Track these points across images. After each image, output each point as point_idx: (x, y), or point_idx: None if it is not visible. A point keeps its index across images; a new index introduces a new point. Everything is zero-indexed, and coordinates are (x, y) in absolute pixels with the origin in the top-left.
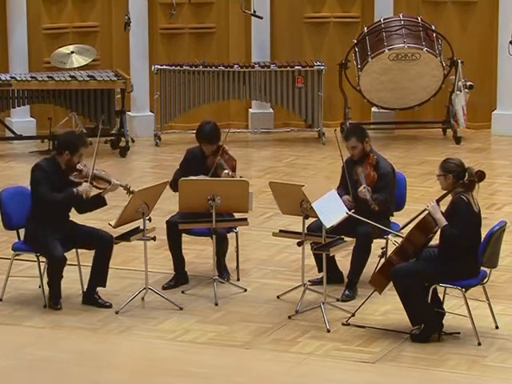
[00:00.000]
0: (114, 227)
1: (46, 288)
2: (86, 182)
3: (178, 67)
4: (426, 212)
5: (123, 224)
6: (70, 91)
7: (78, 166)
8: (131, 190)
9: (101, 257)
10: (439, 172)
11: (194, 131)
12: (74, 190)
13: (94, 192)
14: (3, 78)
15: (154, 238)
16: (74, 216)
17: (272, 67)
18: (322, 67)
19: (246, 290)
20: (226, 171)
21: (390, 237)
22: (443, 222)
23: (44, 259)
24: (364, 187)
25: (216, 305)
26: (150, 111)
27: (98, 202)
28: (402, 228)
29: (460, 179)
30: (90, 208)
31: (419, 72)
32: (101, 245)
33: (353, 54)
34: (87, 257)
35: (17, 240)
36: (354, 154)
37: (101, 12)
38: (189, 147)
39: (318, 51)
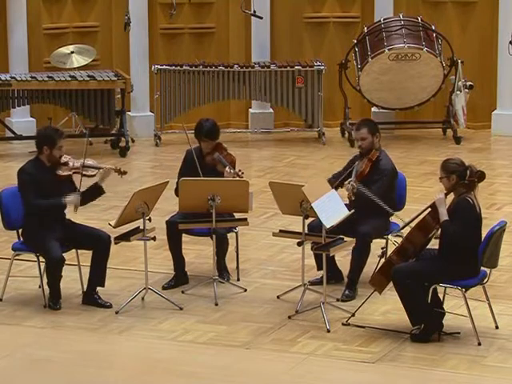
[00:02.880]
0: (114, 227)
1: (46, 288)
2: (76, 173)
3: (178, 67)
4: (426, 212)
5: (123, 224)
6: (70, 91)
7: (63, 159)
8: (122, 170)
9: (99, 256)
10: (441, 174)
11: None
12: (63, 199)
13: (90, 182)
14: (3, 78)
15: (154, 238)
16: (74, 215)
17: (272, 67)
18: (322, 67)
19: (246, 290)
20: (228, 169)
21: (389, 237)
22: (445, 216)
23: (44, 259)
24: (349, 181)
25: (216, 305)
26: (150, 111)
27: (96, 191)
28: (403, 227)
29: (463, 178)
30: (89, 199)
31: (419, 72)
32: (98, 244)
33: (353, 54)
34: (87, 257)
35: (17, 240)
36: (363, 146)
37: (101, 12)
38: (187, 148)
39: (318, 51)
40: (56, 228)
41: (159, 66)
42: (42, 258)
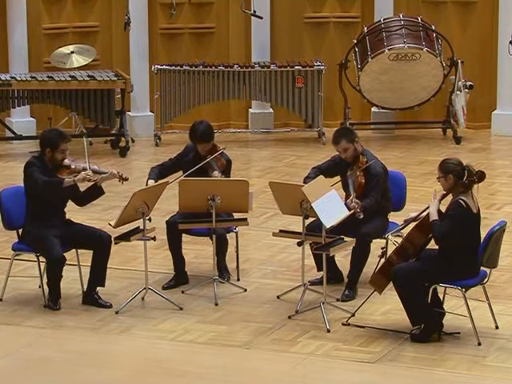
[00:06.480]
0: (114, 227)
1: (46, 288)
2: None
3: (178, 67)
4: (426, 212)
5: (123, 224)
6: (70, 91)
7: (66, 162)
8: (124, 176)
9: (99, 256)
10: (439, 174)
11: None
12: (71, 179)
13: (88, 185)
14: (3, 78)
15: (154, 238)
16: (74, 215)
17: (272, 67)
18: (322, 67)
19: (246, 290)
20: (216, 172)
21: (389, 237)
22: (434, 216)
23: (44, 259)
24: (351, 200)
25: (216, 305)
26: (150, 111)
27: (96, 192)
28: (403, 227)
29: (461, 178)
30: (88, 200)
31: (419, 72)
32: (98, 244)
33: (353, 54)
34: (87, 257)
35: (17, 240)
36: (348, 157)
37: (101, 12)
38: (189, 143)
39: (318, 51)
40: (56, 227)
41: (159, 66)
42: (42, 258)
